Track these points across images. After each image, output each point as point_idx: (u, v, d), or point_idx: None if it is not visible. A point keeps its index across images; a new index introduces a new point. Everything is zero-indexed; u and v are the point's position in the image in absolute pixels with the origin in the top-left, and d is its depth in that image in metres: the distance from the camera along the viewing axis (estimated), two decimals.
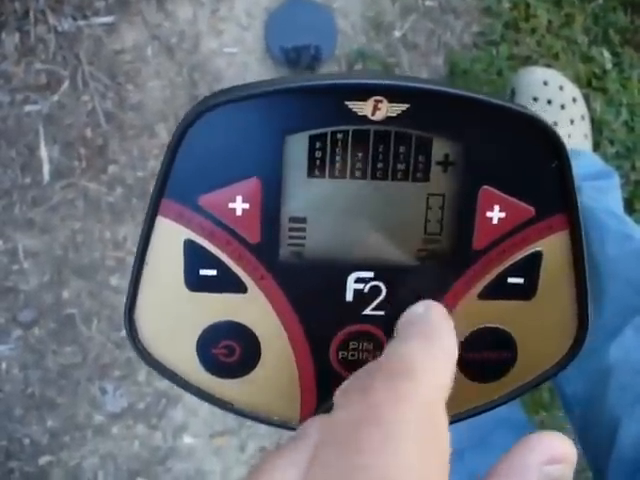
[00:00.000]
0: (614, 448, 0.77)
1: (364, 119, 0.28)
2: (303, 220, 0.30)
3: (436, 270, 0.31)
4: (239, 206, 0.29)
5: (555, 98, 1.21)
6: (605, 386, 0.83)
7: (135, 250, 0.30)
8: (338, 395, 0.24)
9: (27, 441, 1.23)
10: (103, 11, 1.20)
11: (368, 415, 0.22)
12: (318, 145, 0.29)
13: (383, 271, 0.31)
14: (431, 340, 0.25)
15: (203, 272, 0.30)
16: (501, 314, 0.32)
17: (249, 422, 1.13)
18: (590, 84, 1.30)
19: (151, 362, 0.32)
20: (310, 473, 0.22)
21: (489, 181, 0.30)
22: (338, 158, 0.29)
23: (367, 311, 0.31)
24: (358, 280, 0.31)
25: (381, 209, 0.30)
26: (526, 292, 0.32)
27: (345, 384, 0.24)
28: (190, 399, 1.24)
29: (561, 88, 1.22)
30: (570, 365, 0.33)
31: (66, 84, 1.20)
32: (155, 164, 1.21)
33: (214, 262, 0.30)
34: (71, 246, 1.21)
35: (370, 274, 0.31)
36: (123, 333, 1.21)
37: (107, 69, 1.21)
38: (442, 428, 0.23)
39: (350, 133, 0.29)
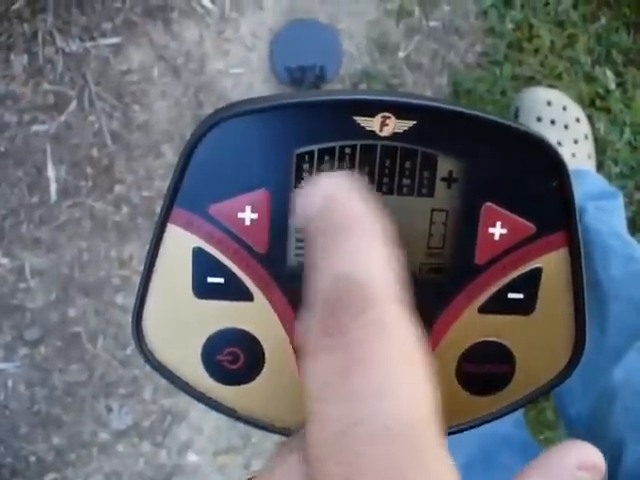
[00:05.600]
0: (619, 470, 0.77)
1: (372, 134, 0.29)
2: None
3: (438, 283, 0.31)
4: (248, 216, 0.29)
5: (559, 118, 1.22)
6: (609, 407, 0.83)
7: (141, 267, 0.30)
8: (306, 335, 0.21)
9: (33, 459, 1.23)
10: (110, 32, 1.21)
11: (356, 359, 0.20)
12: (326, 159, 0.29)
13: None
14: (353, 234, 0.21)
15: (211, 280, 0.30)
16: (500, 328, 0.32)
17: (254, 440, 1.12)
18: (593, 104, 1.30)
19: (157, 367, 0.32)
20: (307, 431, 0.20)
21: (492, 198, 0.30)
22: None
23: None
24: None
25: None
26: (525, 307, 0.32)
27: (308, 323, 0.21)
28: (195, 417, 1.25)
29: (565, 108, 1.23)
30: (575, 385, 0.33)
31: (73, 104, 1.21)
32: (161, 184, 1.22)
33: (222, 270, 0.30)
34: (77, 265, 1.22)
35: None
36: (129, 351, 1.22)
37: (114, 89, 1.22)
38: (410, 331, 0.20)
39: (358, 148, 0.29)
